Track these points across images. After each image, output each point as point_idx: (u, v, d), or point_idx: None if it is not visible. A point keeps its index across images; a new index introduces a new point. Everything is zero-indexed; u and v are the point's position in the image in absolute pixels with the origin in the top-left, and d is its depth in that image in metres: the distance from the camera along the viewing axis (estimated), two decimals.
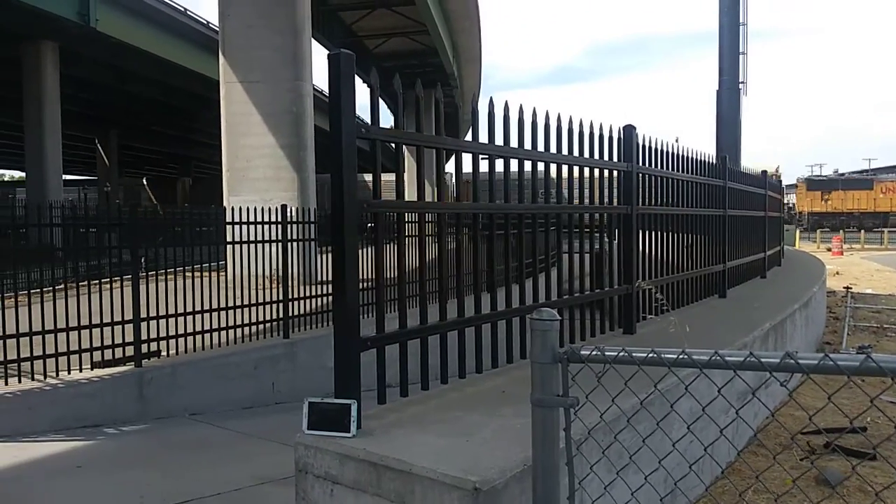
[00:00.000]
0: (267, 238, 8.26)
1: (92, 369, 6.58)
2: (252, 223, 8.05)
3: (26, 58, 24.61)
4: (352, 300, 2.51)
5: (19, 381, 6.10)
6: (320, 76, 39.89)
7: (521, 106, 3.51)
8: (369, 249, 3.06)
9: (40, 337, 6.20)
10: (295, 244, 8.58)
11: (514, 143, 3.45)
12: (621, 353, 1.87)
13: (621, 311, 4.58)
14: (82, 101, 32.84)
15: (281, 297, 8.31)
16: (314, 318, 8.82)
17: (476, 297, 3.25)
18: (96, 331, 6.62)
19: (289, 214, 8.47)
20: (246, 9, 14.03)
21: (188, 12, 27.15)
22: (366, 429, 2.51)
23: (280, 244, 8.37)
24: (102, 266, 7.95)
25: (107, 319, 6.69)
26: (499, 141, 3.34)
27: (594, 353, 1.92)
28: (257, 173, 14.00)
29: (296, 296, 8.50)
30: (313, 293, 8.91)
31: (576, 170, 4.13)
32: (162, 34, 26.64)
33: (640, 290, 4.72)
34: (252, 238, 8.09)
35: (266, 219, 8.18)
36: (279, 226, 8.35)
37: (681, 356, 1.77)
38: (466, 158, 3.30)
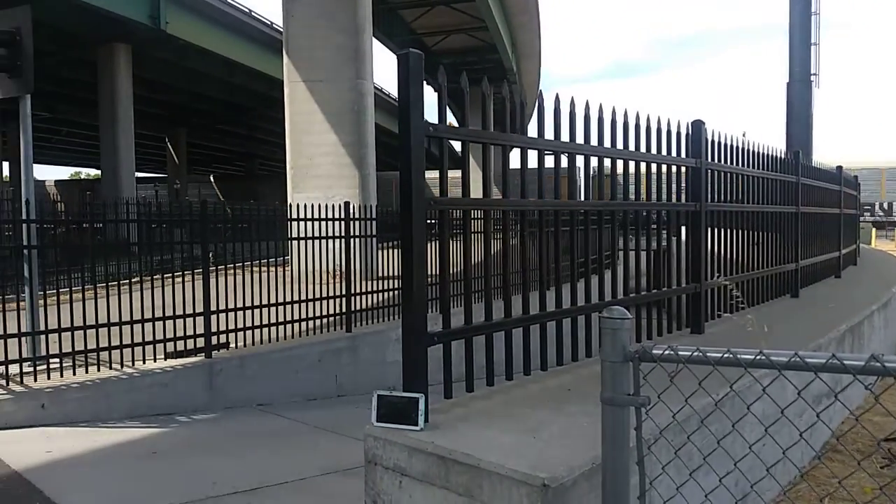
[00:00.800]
0: (330, 234, 8.43)
1: (165, 359, 6.86)
2: (315, 220, 8.22)
3: (101, 60, 25.74)
4: (419, 296, 2.55)
5: (98, 370, 6.40)
6: (380, 75, 40.34)
7: (587, 102, 3.48)
8: (432, 246, 3.09)
9: (117, 328, 6.50)
10: (357, 240, 8.73)
11: (580, 139, 3.43)
12: (695, 353, 1.84)
13: (688, 311, 4.49)
14: (153, 101, 34.12)
15: (343, 292, 8.47)
16: (375, 313, 8.97)
17: (541, 293, 3.24)
18: (169, 322, 6.89)
19: (351, 211, 8.62)
20: (309, 9, 14.31)
21: (253, 13, 27.85)
22: (433, 422, 2.55)
23: (343, 240, 8.53)
24: (174, 260, 8.26)
25: (179, 312, 6.96)
26: (564, 137, 3.33)
27: (667, 352, 1.89)
28: (320, 170, 14.28)
29: (358, 291, 8.65)
30: (374, 288, 9.06)
31: (642, 166, 4.07)
32: (228, 35, 27.43)
33: (710, 288, 4.61)
34: (315, 234, 8.27)
35: (328, 215, 8.35)
36: (342, 222, 8.51)
37: (758, 357, 1.73)
38: (526, 154, 3.28)
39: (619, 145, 3.71)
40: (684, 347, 1.89)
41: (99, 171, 32.40)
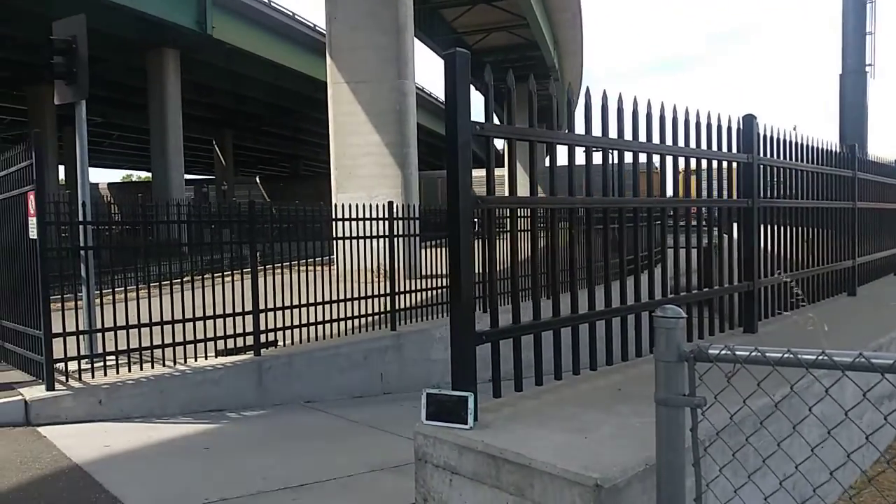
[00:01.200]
0: (373, 233, 8.50)
1: (216, 357, 7.02)
2: (359, 219, 8.31)
3: (150, 65, 26.46)
4: (467, 296, 2.55)
5: (152, 367, 6.58)
6: (421, 75, 40.45)
7: (635, 98, 3.43)
8: (478, 244, 3.08)
9: (170, 326, 6.67)
10: (400, 239, 8.79)
11: (627, 135, 3.38)
12: (754, 353, 1.80)
13: (740, 309, 4.39)
14: (201, 104, 34.93)
15: (387, 291, 8.54)
16: (419, 311, 9.02)
17: (590, 292, 3.21)
18: (219, 321, 7.04)
19: (394, 210, 8.68)
20: (352, 11, 14.44)
21: (296, 16, 28.28)
22: (482, 421, 2.54)
23: (386, 239, 8.60)
24: (223, 260, 8.44)
25: (228, 311, 7.10)
26: (612, 134, 3.29)
27: (723, 352, 1.85)
28: (363, 171, 14.41)
29: (401, 289, 8.71)
30: (418, 287, 9.11)
31: (692, 162, 3.99)
32: (273, 39, 27.90)
33: (763, 287, 4.50)
34: (359, 233, 8.35)
35: (372, 215, 8.43)
36: (385, 221, 8.58)
37: (820, 357, 1.68)
38: (573, 152, 3.24)
39: (669, 141, 3.65)
40: (741, 347, 1.85)
41: (149, 174, 33.30)
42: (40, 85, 28.29)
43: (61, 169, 35.09)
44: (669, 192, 3.97)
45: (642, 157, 3.52)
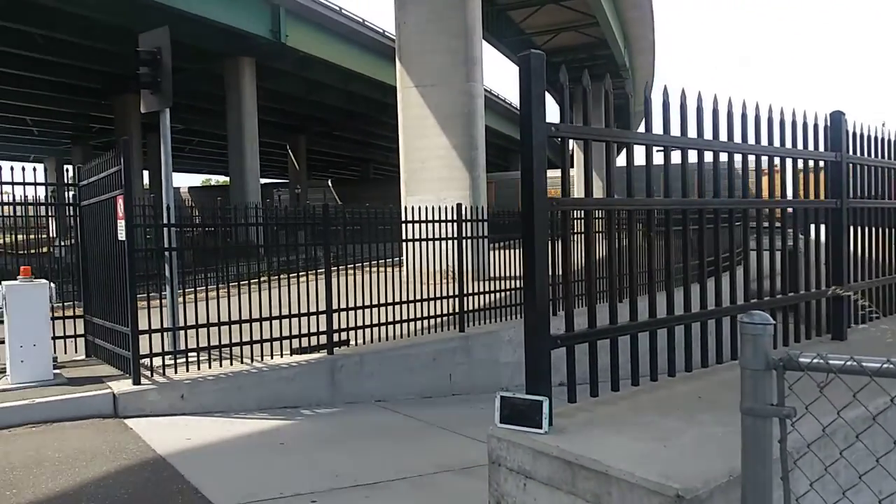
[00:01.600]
0: (442, 235, 8.55)
1: (291, 355, 7.21)
2: (427, 221, 8.38)
3: (228, 73, 27.49)
4: (542, 299, 2.53)
5: (231, 364, 6.82)
6: (489, 77, 40.46)
7: (715, 96, 3.32)
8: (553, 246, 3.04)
9: (247, 324, 6.90)
10: (468, 241, 8.82)
11: (707, 135, 3.27)
12: (849, 363, 1.71)
13: (827, 315, 4.18)
14: (275, 110, 36.02)
15: (456, 293, 8.58)
16: (487, 313, 9.02)
17: (668, 296, 3.12)
18: (294, 320, 7.23)
19: (462, 213, 8.71)
20: (420, 15, 14.58)
21: (366, 23, 28.77)
22: (557, 426, 2.51)
23: (455, 241, 8.64)
24: (298, 261, 8.67)
25: (303, 310, 7.29)
26: (690, 133, 3.19)
27: (815, 360, 1.77)
28: (432, 174, 14.52)
29: (470, 291, 8.73)
30: (486, 289, 9.10)
31: (776, 161, 3.83)
32: (343, 45, 28.49)
33: (852, 291, 4.27)
34: (428, 235, 8.42)
35: (440, 217, 8.49)
36: (454, 224, 8.62)
37: None
38: (650, 152, 3.16)
39: (751, 140, 3.51)
40: (835, 356, 1.76)
41: (227, 178, 34.55)
42: (126, 94, 29.83)
43: (146, 174, 36.80)
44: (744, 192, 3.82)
45: (723, 157, 3.40)
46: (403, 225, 8.54)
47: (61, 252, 9.40)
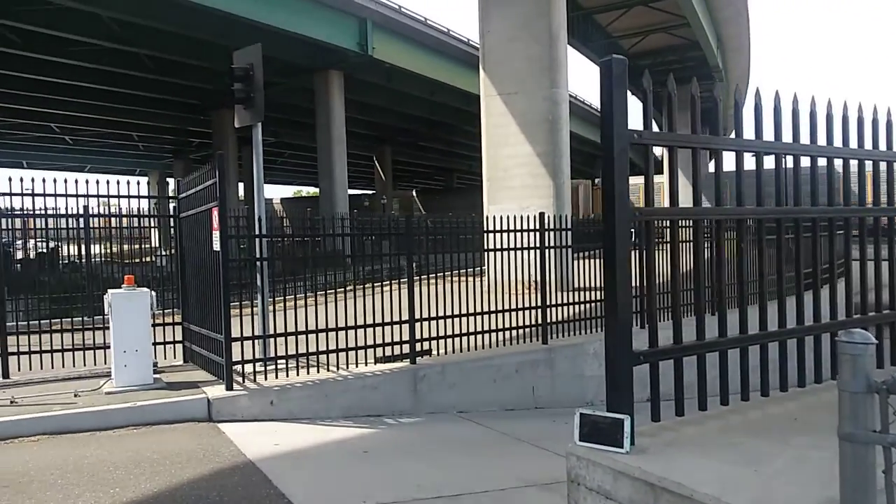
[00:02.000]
0: (524, 245, 8.46)
1: (375, 363, 7.31)
2: (508, 231, 8.31)
3: (317, 87, 28.39)
4: (624, 312, 2.44)
5: (318, 371, 6.98)
6: (574, 82, 40.01)
7: (812, 98, 3.12)
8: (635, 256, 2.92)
9: (333, 333, 7.05)
10: (551, 251, 8.68)
11: (804, 139, 3.08)
12: None
13: None
14: (362, 122, 36.90)
15: (539, 303, 8.45)
16: (572, 325, 8.83)
17: (761, 310, 2.95)
18: (378, 329, 7.34)
19: (545, 222, 8.59)
20: (504, 23, 14.57)
21: (451, 32, 29.00)
22: (639, 446, 2.41)
23: (537, 251, 8.52)
24: (382, 271, 8.81)
25: (386, 319, 7.38)
26: (786, 138, 3.01)
27: None
28: (514, 182, 14.44)
29: (553, 302, 8.59)
30: (570, 300, 8.93)
31: (881, 166, 3.56)
32: (429, 56, 28.86)
33: None
34: (509, 245, 8.35)
35: (523, 226, 8.39)
36: (536, 233, 8.51)
37: None
38: (741, 158, 3.00)
39: (853, 144, 3.28)
40: None
41: (317, 189, 35.67)
42: (222, 109, 31.32)
43: (241, 186, 38.52)
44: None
45: (821, 162, 3.19)
46: (484, 234, 8.51)
47: (162, 261, 9.94)
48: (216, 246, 6.53)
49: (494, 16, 14.86)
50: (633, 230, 2.64)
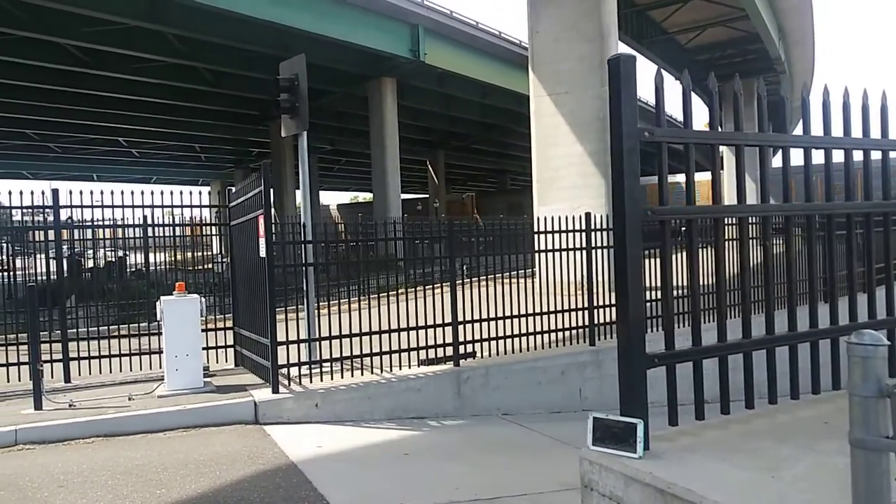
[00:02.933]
0: (572, 245, 8.36)
1: (419, 366, 7.35)
2: (554, 231, 8.22)
3: (371, 94, 28.78)
4: (636, 313, 2.38)
5: (362, 374, 7.08)
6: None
7: (864, 91, 2.97)
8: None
9: (377, 336, 7.13)
10: (599, 251, 8.55)
11: (836, 131, 2.94)
12: None
13: None
14: (414, 127, 37.20)
15: (586, 305, 8.34)
16: None
17: (790, 311, 2.83)
18: (422, 332, 7.38)
19: (593, 222, 8.47)
20: (553, 23, 14.47)
21: (502, 35, 28.94)
22: (655, 450, 2.35)
23: (585, 252, 8.41)
24: (433, 273, 8.86)
25: (430, 322, 7.42)
26: (817, 132, 2.88)
27: None
28: (565, 182, 14.30)
29: (601, 303, 8.45)
30: None
31: None
32: (480, 59, 28.87)
33: None
34: (558, 246, 8.26)
35: (570, 226, 8.30)
36: (584, 233, 8.40)
37: None
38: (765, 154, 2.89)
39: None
40: None
41: (371, 195, 36.17)
42: (278, 120, 32.02)
43: (297, 193, 39.36)
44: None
45: (838, 156, 3.03)
46: (535, 235, 8.45)
47: (221, 268, 10.25)
48: (262, 252, 6.70)
49: (543, 16, 14.77)
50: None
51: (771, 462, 2.24)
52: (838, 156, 3.00)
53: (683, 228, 2.74)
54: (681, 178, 2.81)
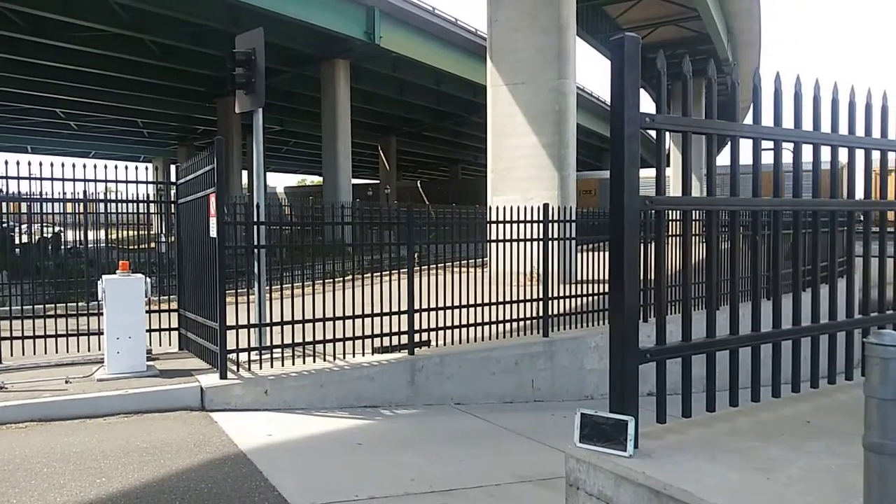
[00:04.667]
0: (527, 236, 8.31)
1: (372, 354, 7.18)
2: (511, 221, 8.16)
3: (324, 76, 28.18)
4: (631, 307, 2.29)
5: (314, 361, 6.86)
6: (581, 74, 39.76)
7: (835, 83, 2.96)
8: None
9: (330, 322, 6.92)
10: (555, 243, 8.53)
11: (826, 127, 2.92)
12: None
13: None
14: (367, 111, 36.69)
15: (540, 296, 8.32)
16: (573, 318, 8.70)
17: (774, 307, 2.80)
18: (376, 319, 7.20)
19: (549, 213, 8.44)
20: (513, 12, 14.37)
21: (458, 22, 28.74)
22: (643, 449, 2.27)
23: (540, 243, 8.38)
24: (383, 260, 8.67)
25: (385, 310, 7.25)
26: (807, 125, 2.85)
27: None
28: (519, 173, 14.27)
29: (555, 294, 8.45)
30: (572, 293, 8.78)
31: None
32: (435, 45, 28.62)
33: None
34: (512, 236, 8.20)
35: (526, 217, 8.25)
36: (540, 224, 8.37)
37: None
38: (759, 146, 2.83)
39: (876, 133, 3.11)
40: None
41: (321, 178, 35.53)
42: (228, 97, 30.97)
43: (244, 174, 38.38)
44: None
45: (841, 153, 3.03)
46: (488, 225, 8.37)
47: (162, 248, 9.82)
48: (213, 232, 6.40)
49: (503, 4, 14.64)
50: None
51: (763, 462, 2.18)
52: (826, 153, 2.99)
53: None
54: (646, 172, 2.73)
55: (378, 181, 51.16)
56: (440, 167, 65.47)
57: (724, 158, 2.88)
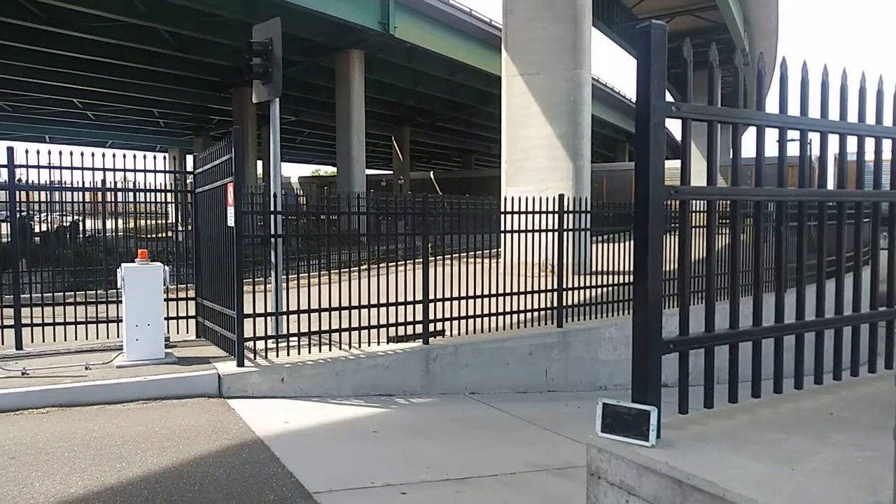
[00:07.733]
0: (541, 227, 8.30)
1: (388, 343, 7.22)
2: (526, 212, 8.15)
3: (338, 66, 28.18)
4: (654, 297, 2.28)
5: (329, 349, 6.90)
6: (597, 66, 39.49)
7: (863, 73, 2.92)
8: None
9: (347, 311, 6.95)
10: (569, 234, 8.51)
11: (851, 116, 2.88)
12: None
13: None
14: (381, 102, 36.67)
15: (555, 286, 8.32)
16: (587, 309, 8.69)
17: (798, 298, 2.77)
18: (391, 308, 7.23)
19: (564, 204, 8.42)
20: (528, 2, 14.29)
21: (473, 12, 28.62)
22: (665, 439, 2.26)
23: (555, 233, 8.36)
24: (398, 250, 8.69)
25: (400, 299, 7.27)
26: (833, 115, 2.81)
27: None
28: (534, 163, 14.23)
29: (569, 285, 8.44)
30: (587, 284, 8.77)
31: None
32: (450, 35, 28.52)
33: None
34: (527, 227, 8.19)
35: (540, 208, 8.23)
36: (555, 215, 8.35)
37: None
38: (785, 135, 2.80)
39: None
40: None
41: (335, 169, 35.56)
42: (244, 87, 31.15)
43: (259, 164, 38.51)
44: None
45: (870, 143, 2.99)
46: (502, 216, 8.36)
47: (179, 237, 9.89)
48: (230, 222, 6.43)
49: None
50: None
51: (787, 454, 2.17)
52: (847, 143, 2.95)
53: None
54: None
55: (392, 172, 51.15)
56: (453, 158, 65.40)
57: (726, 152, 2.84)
